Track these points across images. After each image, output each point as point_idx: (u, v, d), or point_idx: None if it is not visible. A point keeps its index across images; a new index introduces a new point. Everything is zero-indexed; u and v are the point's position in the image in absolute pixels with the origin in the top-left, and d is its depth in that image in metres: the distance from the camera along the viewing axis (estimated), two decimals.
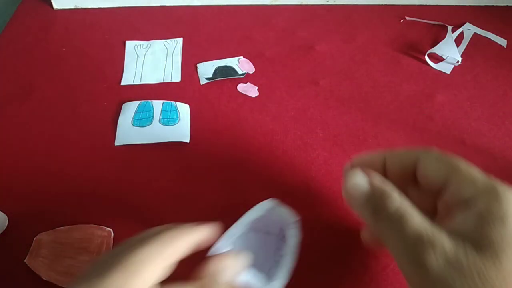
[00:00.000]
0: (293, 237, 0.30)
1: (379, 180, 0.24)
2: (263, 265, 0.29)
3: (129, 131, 0.44)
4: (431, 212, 0.25)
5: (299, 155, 0.43)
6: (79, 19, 0.59)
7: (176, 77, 0.51)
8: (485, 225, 0.20)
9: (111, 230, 0.35)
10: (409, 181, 0.25)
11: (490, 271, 0.18)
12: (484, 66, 0.54)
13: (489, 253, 0.19)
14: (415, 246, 0.20)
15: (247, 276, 0.27)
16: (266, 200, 0.31)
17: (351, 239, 0.36)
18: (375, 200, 0.23)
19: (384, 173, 0.26)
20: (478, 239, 0.19)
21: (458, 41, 0.57)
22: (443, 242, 0.20)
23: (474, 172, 0.23)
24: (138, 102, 0.46)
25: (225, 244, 0.29)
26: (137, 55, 0.54)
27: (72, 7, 0.60)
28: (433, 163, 0.23)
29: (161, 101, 0.46)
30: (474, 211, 0.21)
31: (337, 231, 0.37)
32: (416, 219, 0.21)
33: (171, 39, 0.56)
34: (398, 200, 0.22)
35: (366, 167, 0.26)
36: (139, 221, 0.37)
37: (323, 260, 0.35)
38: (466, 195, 0.21)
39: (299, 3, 0.63)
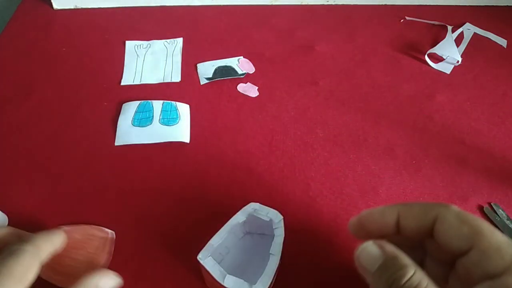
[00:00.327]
0: (278, 236, 0.30)
1: (392, 248, 0.22)
2: (262, 266, 0.29)
3: (129, 131, 0.44)
4: (449, 264, 0.23)
5: (299, 155, 0.43)
6: (79, 19, 0.59)
7: (176, 77, 0.51)
8: None
9: (113, 232, 0.35)
10: (426, 235, 0.23)
11: None
12: (484, 66, 0.54)
13: None
14: None
15: (230, 282, 0.27)
16: (248, 204, 0.32)
17: (350, 238, 0.36)
18: (389, 269, 0.21)
19: (397, 227, 0.24)
20: None
21: (458, 41, 0.57)
22: None
23: (499, 240, 0.20)
24: (138, 102, 0.46)
25: (206, 254, 0.29)
26: (137, 55, 0.54)
27: (72, 7, 0.60)
28: (454, 224, 0.21)
29: (161, 101, 0.46)
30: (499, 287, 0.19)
31: (337, 231, 0.37)
32: None
33: (171, 39, 0.56)
34: (415, 272, 0.20)
35: (376, 222, 0.24)
36: (139, 221, 0.37)
37: (323, 260, 0.35)
38: (491, 268, 0.19)
39: (299, 3, 0.63)
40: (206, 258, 0.29)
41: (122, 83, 0.50)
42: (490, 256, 0.20)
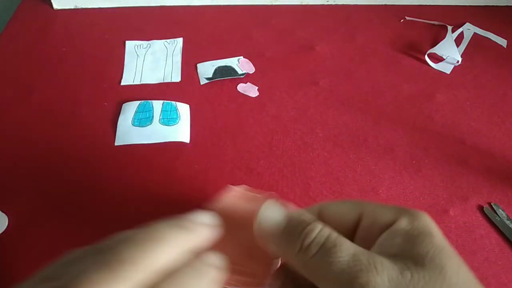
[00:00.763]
0: None
1: (294, 208, 0.21)
2: None
3: (129, 131, 0.44)
4: None
5: (299, 155, 0.43)
6: (79, 19, 0.59)
7: (176, 77, 0.51)
8: (417, 242, 0.19)
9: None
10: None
11: (439, 285, 0.17)
12: (484, 66, 0.54)
13: (432, 268, 0.18)
14: (357, 273, 0.17)
15: None
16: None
17: None
18: (296, 227, 0.20)
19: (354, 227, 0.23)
20: (416, 256, 0.18)
21: (458, 41, 0.57)
22: (386, 264, 0.18)
23: (379, 203, 0.22)
24: (138, 102, 0.46)
25: None
26: (137, 55, 0.54)
27: (72, 7, 0.60)
28: (339, 205, 0.22)
29: (161, 101, 0.46)
30: (400, 232, 0.19)
31: None
32: (349, 244, 0.19)
33: (171, 39, 0.56)
34: (324, 226, 0.19)
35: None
36: (139, 221, 0.37)
37: None
38: (385, 219, 0.20)
39: (299, 3, 0.63)
40: None
41: (122, 83, 0.50)
42: (379, 212, 0.21)
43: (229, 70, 0.51)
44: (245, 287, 0.22)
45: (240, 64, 0.52)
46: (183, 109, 0.46)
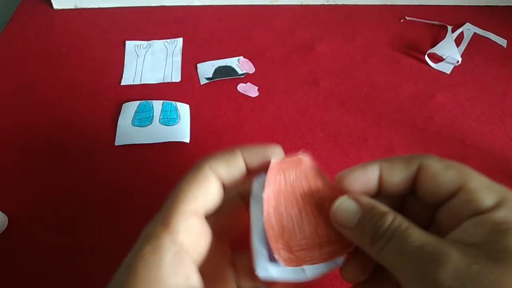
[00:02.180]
0: None
1: (368, 200, 0.21)
2: None
3: (129, 131, 0.44)
4: (426, 226, 0.23)
5: None
6: (79, 19, 0.59)
7: (176, 77, 0.51)
8: (500, 235, 0.18)
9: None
10: (407, 192, 0.23)
11: (510, 283, 0.17)
12: (484, 66, 0.54)
13: (507, 265, 0.17)
14: (424, 263, 0.18)
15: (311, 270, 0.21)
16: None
17: None
18: (368, 221, 0.21)
19: (379, 187, 0.23)
20: (494, 250, 0.18)
21: (458, 41, 0.57)
22: (453, 256, 0.18)
23: (487, 180, 0.21)
24: (138, 102, 0.46)
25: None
26: (137, 55, 0.54)
27: (72, 7, 0.60)
28: (440, 169, 0.21)
29: (161, 101, 0.46)
30: (490, 222, 0.19)
31: None
32: (419, 234, 0.19)
33: (171, 39, 0.56)
34: (395, 218, 0.20)
35: (357, 180, 0.23)
36: (139, 221, 0.37)
37: None
38: (480, 204, 0.19)
39: (299, 3, 0.63)
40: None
41: (122, 83, 0.50)
42: (480, 193, 0.20)
43: (229, 70, 0.51)
44: (331, 255, 0.21)
45: (240, 64, 0.52)
46: (183, 109, 0.46)
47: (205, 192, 0.21)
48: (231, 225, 0.25)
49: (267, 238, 0.20)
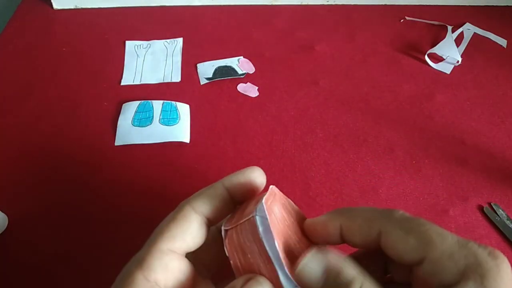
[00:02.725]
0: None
1: (335, 261, 0.20)
2: None
3: (129, 131, 0.44)
4: (410, 269, 0.21)
5: (299, 155, 0.43)
6: (79, 19, 0.59)
7: (176, 77, 0.51)
8: None
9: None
10: (375, 247, 0.21)
11: None
12: (484, 66, 0.54)
13: None
14: None
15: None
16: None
17: None
18: (331, 278, 0.20)
19: (342, 239, 0.22)
20: None
21: (458, 41, 0.57)
22: None
23: (450, 244, 0.19)
24: (138, 102, 0.46)
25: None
26: (137, 55, 0.54)
27: (72, 7, 0.60)
28: (400, 237, 0.20)
29: (161, 101, 0.46)
30: None
31: None
32: None
33: (171, 39, 0.56)
34: (350, 274, 0.19)
35: (319, 234, 0.22)
36: (139, 221, 0.37)
37: None
38: (446, 277, 0.18)
39: (299, 3, 0.63)
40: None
41: (122, 83, 0.50)
42: (443, 265, 0.18)
43: (229, 70, 0.51)
44: None
45: (240, 64, 0.52)
46: (183, 109, 0.46)
47: (183, 231, 0.21)
48: (214, 259, 0.25)
49: (285, 271, 0.20)
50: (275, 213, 0.22)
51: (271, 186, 0.23)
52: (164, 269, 0.20)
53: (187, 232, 0.22)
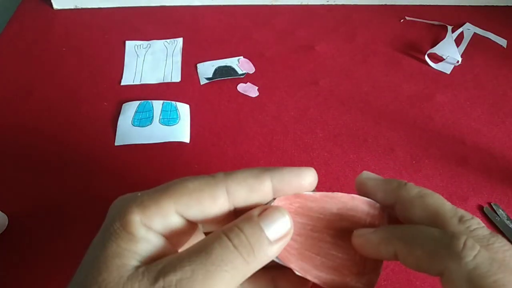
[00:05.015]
0: None
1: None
2: None
3: (129, 131, 0.44)
4: None
5: (299, 155, 0.43)
6: (79, 19, 0.59)
7: (176, 77, 0.51)
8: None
9: (378, 206, 0.23)
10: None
11: None
12: (484, 66, 0.54)
13: None
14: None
15: None
16: None
17: None
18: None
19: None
20: None
21: (458, 41, 0.57)
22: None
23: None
24: (138, 102, 0.46)
25: None
26: (137, 55, 0.54)
27: (72, 7, 0.60)
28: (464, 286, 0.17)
29: (161, 101, 0.46)
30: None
31: None
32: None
33: (171, 39, 0.56)
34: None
35: (370, 251, 0.21)
36: None
37: None
38: (431, 271, 0.18)
39: (299, 3, 0.63)
40: None
41: (122, 83, 0.50)
42: (420, 264, 0.18)
43: (229, 70, 0.51)
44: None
45: (240, 64, 0.52)
46: (183, 109, 0.46)
47: (201, 205, 0.19)
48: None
49: None
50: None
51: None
52: (165, 228, 0.18)
53: (206, 209, 0.19)
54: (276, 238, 0.18)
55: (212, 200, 0.18)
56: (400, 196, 0.21)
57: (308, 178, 0.20)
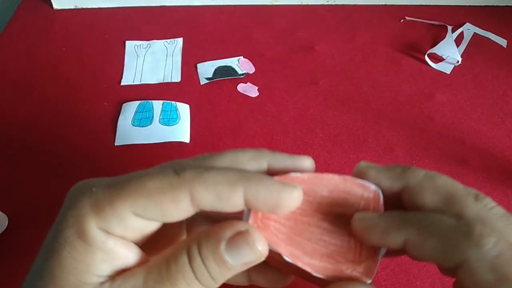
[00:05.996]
0: None
1: None
2: None
3: (129, 131, 0.44)
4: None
5: None
6: (79, 19, 0.59)
7: (176, 77, 0.51)
8: None
9: (377, 189, 0.20)
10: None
11: None
12: (484, 66, 0.54)
13: None
14: None
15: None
16: None
17: None
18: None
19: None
20: None
21: (458, 41, 0.57)
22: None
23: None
24: (138, 102, 0.47)
25: None
26: (137, 55, 0.54)
27: (72, 7, 0.60)
28: (484, 276, 0.16)
29: (161, 101, 0.47)
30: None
31: None
32: None
33: (171, 39, 0.56)
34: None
35: (375, 238, 0.19)
36: None
37: None
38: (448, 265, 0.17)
39: (299, 3, 0.63)
40: None
41: (122, 83, 0.50)
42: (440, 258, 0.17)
43: (229, 70, 0.51)
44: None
45: (240, 64, 0.52)
46: (183, 109, 0.46)
47: (161, 206, 0.17)
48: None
49: None
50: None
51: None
52: (126, 231, 0.17)
53: (167, 212, 0.16)
54: (242, 265, 0.17)
55: (173, 204, 0.16)
56: (407, 181, 0.19)
57: (288, 201, 0.17)
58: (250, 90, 0.49)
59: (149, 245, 0.18)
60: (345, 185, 0.21)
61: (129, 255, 0.17)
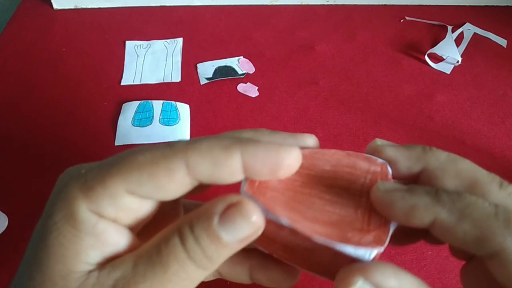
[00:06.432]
0: None
1: None
2: None
3: (129, 131, 0.44)
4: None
5: None
6: (79, 19, 0.59)
7: (176, 77, 0.51)
8: None
9: (385, 162, 0.20)
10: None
11: None
12: (484, 66, 0.54)
13: None
14: None
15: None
16: None
17: None
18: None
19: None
20: None
21: (458, 41, 0.57)
22: None
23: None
24: (138, 102, 0.46)
25: None
26: (137, 55, 0.54)
27: (72, 7, 0.60)
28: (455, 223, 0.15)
29: (161, 101, 0.47)
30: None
31: None
32: None
33: (171, 39, 0.56)
34: None
35: (396, 215, 0.17)
36: None
37: None
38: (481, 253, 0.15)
39: (299, 3, 0.63)
40: None
41: (122, 83, 0.50)
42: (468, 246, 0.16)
43: (229, 70, 0.51)
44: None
45: (240, 64, 0.52)
46: (183, 109, 0.46)
47: (157, 182, 0.16)
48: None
49: None
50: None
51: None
52: (118, 212, 0.16)
53: (162, 185, 0.16)
54: (239, 241, 0.15)
55: (167, 175, 0.15)
56: (428, 162, 0.18)
57: (288, 160, 0.16)
58: (250, 90, 0.49)
59: (144, 235, 0.17)
60: (349, 160, 0.19)
61: (121, 241, 0.16)
